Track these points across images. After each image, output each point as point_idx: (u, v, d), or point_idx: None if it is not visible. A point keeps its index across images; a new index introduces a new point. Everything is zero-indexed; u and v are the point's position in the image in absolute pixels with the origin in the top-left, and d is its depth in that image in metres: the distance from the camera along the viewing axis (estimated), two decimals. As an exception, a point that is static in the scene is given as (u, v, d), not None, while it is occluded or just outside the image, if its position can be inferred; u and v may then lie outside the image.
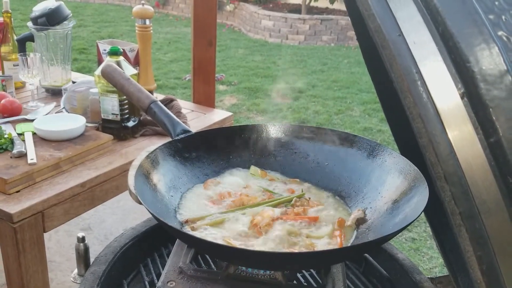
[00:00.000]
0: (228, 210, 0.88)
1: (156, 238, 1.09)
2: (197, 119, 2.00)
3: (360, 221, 0.88)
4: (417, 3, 0.55)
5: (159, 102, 1.04)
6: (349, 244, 0.83)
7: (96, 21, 7.94)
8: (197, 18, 2.06)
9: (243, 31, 7.97)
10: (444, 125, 0.49)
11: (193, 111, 2.10)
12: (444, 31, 0.51)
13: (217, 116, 2.07)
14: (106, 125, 1.69)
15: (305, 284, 0.92)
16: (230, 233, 0.82)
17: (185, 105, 2.13)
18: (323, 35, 7.74)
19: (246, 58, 6.33)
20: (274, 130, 1.06)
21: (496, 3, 0.51)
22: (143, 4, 1.91)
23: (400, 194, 0.85)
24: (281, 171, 1.03)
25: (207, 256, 0.97)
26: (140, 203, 0.95)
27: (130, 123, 1.71)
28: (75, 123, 1.59)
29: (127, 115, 1.69)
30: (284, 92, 5.16)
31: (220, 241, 0.79)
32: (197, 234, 0.81)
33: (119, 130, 1.68)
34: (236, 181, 0.98)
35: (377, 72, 1.08)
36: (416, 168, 0.83)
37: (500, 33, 0.50)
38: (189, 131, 1.01)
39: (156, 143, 1.74)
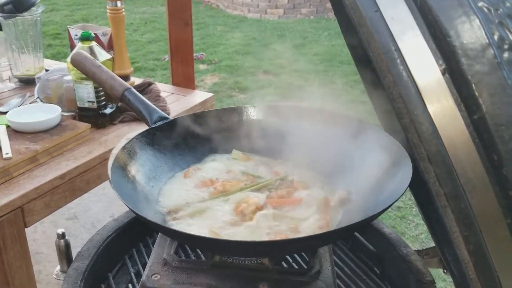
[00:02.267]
0: (211, 197, 0.86)
1: (141, 228, 1.07)
2: (177, 102, 1.96)
3: (344, 201, 0.87)
4: (393, -25, 0.52)
5: (134, 89, 1.00)
6: (335, 225, 0.82)
7: (69, 4, 7.72)
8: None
9: (221, 7, 7.84)
10: (425, 104, 0.47)
11: (172, 93, 2.06)
12: (423, 4, 0.49)
13: (198, 97, 2.03)
14: (82, 114, 1.64)
15: (292, 267, 0.91)
16: (214, 221, 0.80)
17: (164, 88, 2.08)
18: (302, 8, 7.65)
19: (225, 35, 6.23)
20: (255, 112, 1.04)
21: (475, -28, 0.48)
22: (113, -15, 1.84)
23: (384, 171, 0.84)
24: (264, 154, 1.00)
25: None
26: None
27: (108, 110, 1.67)
28: (50, 113, 1.54)
29: (104, 102, 1.65)
30: (266, 68, 5.11)
31: (204, 231, 0.77)
32: (179, 225, 0.78)
33: (96, 118, 1.64)
34: (218, 166, 0.95)
35: (357, 49, 1.06)
36: (398, 143, 0.82)
37: (480, 4, 0.47)
38: (166, 118, 0.98)
39: (136, 129, 1.70)
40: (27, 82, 2.00)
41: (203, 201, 0.85)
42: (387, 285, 1.01)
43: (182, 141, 0.99)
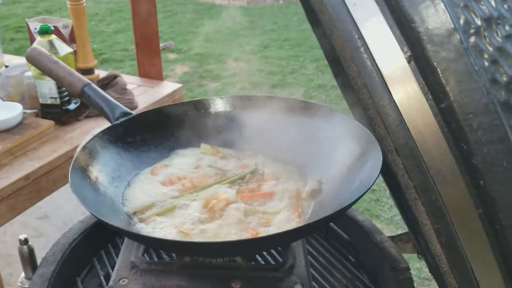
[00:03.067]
0: (179, 195, 0.83)
1: (107, 229, 1.03)
2: (145, 94, 1.91)
3: (316, 192, 0.85)
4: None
5: (93, 85, 0.96)
6: (307, 217, 0.80)
7: (31, -4, 7.46)
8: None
9: (189, -6, 7.70)
10: (391, 94, 0.45)
11: (140, 85, 2.01)
12: (385, -11, 0.46)
13: (166, 89, 1.99)
14: (45, 111, 1.58)
15: (266, 262, 0.90)
16: (183, 220, 0.77)
17: (131, 80, 2.03)
18: (271, -7, 7.58)
19: (194, 22, 6.13)
20: (221, 104, 1.01)
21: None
22: (72, -25, 1.76)
23: (355, 159, 0.82)
24: (232, 146, 0.98)
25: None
26: None
27: (72, 106, 1.61)
28: (11, 111, 1.48)
29: (67, 98, 1.59)
30: (236, 56, 5.05)
31: (172, 231, 0.74)
32: (146, 226, 0.75)
33: (60, 115, 1.58)
34: (186, 162, 0.92)
35: (323, 36, 1.03)
36: (368, 131, 0.80)
37: (444, -13, 0.45)
38: (129, 113, 0.94)
39: (103, 124, 1.64)
40: (-14, 80, 1.91)
41: (171, 199, 0.82)
42: (362, 273, 1.00)
43: (147, 137, 0.95)
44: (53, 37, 1.53)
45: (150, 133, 0.95)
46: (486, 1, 0.45)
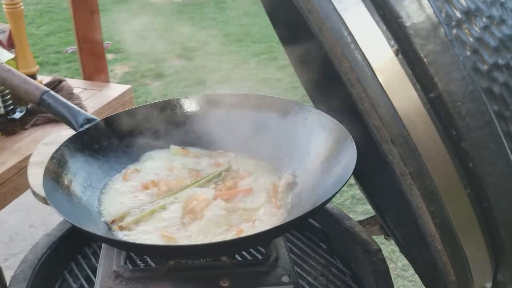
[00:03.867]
0: (157, 199, 0.81)
1: (76, 240, 1.00)
2: (93, 98, 1.84)
3: (291, 185, 0.87)
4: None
5: (52, 92, 0.92)
6: (287, 210, 0.81)
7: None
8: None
9: (121, -8, 7.49)
10: (383, 87, 0.47)
11: (86, 89, 1.94)
12: (369, -14, 0.48)
13: (114, 91, 1.93)
14: (-11, 121, 1.49)
15: (249, 258, 0.90)
16: (164, 224, 0.76)
17: (76, 84, 1.95)
18: (206, -12, 7.53)
19: (130, 21, 5.97)
20: (187, 103, 1.00)
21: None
22: (6, -24, 1.66)
23: (326, 151, 0.85)
24: (202, 146, 0.97)
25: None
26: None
27: (17, 114, 1.53)
28: (-49, 124, 1.38)
29: (12, 106, 1.51)
30: (177, 53, 4.98)
31: (155, 236, 0.73)
32: (128, 234, 0.74)
33: (5, 125, 1.50)
34: (157, 165, 0.91)
35: (286, 31, 1.04)
36: (338, 122, 0.82)
37: (424, -18, 0.48)
38: (93, 119, 0.91)
39: (51, 131, 1.59)
40: None
41: (149, 204, 0.80)
42: (335, 258, 1.03)
43: (114, 142, 0.92)
44: (-8, 43, 1.44)
45: (117, 138, 0.93)
46: (464, -5, 0.47)
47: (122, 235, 0.74)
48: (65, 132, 1.40)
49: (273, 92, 4.09)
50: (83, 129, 0.88)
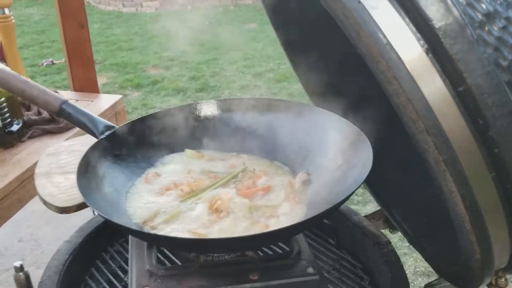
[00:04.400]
0: (182, 200, 0.85)
1: (94, 246, 1.02)
2: (86, 108, 1.84)
3: (306, 182, 0.91)
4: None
5: (71, 101, 0.94)
6: (305, 206, 0.86)
7: None
8: (62, 0, 1.87)
9: (92, 4, 7.43)
10: (417, 82, 0.53)
11: (78, 100, 1.94)
12: (399, -7, 0.54)
13: (106, 101, 1.95)
14: (-14, 135, 1.49)
15: (274, 252, 0.94)
16: (192, 223, 0.80)
17: (68, 95, 1.95)
18: (178, -2, 7.55)
19: (104, 32, 5.94)
20: (199, 109, 1.03)
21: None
22: (-4, -10, 1.67)
23: (340, 151, 0.89)
24: (216, 148, 1.01)
25: (166, 251, 0.93)
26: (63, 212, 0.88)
27: (14, 127, 1.53)
28: (-50, 139, 1.38)
29: (9, 119, 1.51)
30: (154, 63, 4.99)
31: (186, 235, 0.76)
32: (161, 232, 0.77)
33: (3, 137, 1.50)
34: (176, 168, 0.94)
35: (286, 30, 1.08)
36: (350, 123, 0.88)
37: (448, -11, 0.53)
38: (112, 126, 0.94)
39: (49, 143, 1.59)
40: None
41: (175, 205, 0.84)
42: (344, 253, 1.08)
43: (132, 147, 0.95)
44: (-12, 56, 1.45)
45: (135, 144, 0.96)
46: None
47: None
48: (66, 143, 1.42)
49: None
50: (104, 136, 0.91)
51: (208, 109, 1.04)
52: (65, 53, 2.01)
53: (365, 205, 2.55)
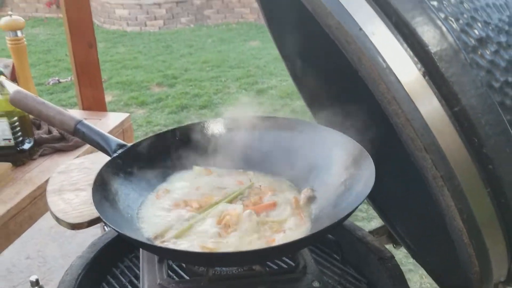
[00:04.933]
0: (191, 215, 0.88)
1: (105, 261, 1.05)
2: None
3: (311, 199, 0.94)
4: (365, -3, 0.61)
5: (85, 121, 0.98)
6: (311, 221, 0.89)
7: None
8: (72, 20, 1.93)
9: (97, 23, 7.54)
10: (415, 103, 0.56)
11: (86, 119, 1.97)
12: (398, 21, 0.58)
13: (113, 120, 1.99)
14: (-1, 153, 1.53)
15: (279, 266, 0.97)
16: (202, 238, 0.83)
17: (76, 114, 1.99)
18: (181, 17, 7.68)
19: (109, 51, 6.03)
20: (206, 127, 1.07)
21: (434, -10, 0.58)
22: (10, 14, 1.73)
23: (344, 167, 0.92)
24: (223, 165, 1.04)
25: (175, 266, 0.96)
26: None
27: (26, 146, 1.58)
28: (-36, 157, 1.42)
29: (21, 138, 1.55)
30: (158, 81, 5.06)
31: (196, 249, 0.80)
32: (172, 246, 0.80)
33: (15, 156, 1.54)
34: (185, 185, 0.97)
35: (287, 45, 1.12)
36: (352, 139, 0.91)
37: (443, 15, 0.57)
38: (124, 145, 0.97)
39: (59, 161, 1.63)
40: None
41: (185, 221, 0.87)
42: (349, 268, 1.10)
43: (143, 165, 0.99)
44: (2, 77, 1.49)
45: (146, 161, 0.99)
46: (475, 25, 0.57)
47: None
48: (76, 161, 1.46)
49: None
50: (117, 154, 0.94)
51: (215, 127, 1.08)
52: (74, 72, 2.06)
53: (369, 222, 2.57)
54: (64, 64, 5.31)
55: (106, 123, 1.94)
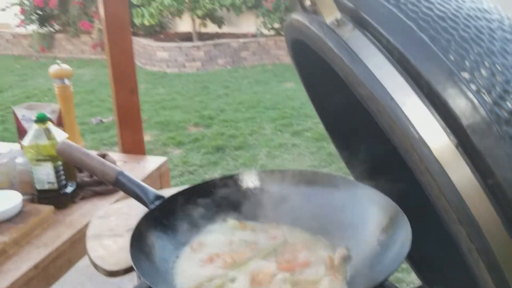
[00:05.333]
0: (225, 271, 0.89)
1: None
2: (133, 171, 1.95)
3: (346, 258, 0.94)
4: (397, 67, 0.62)
5: (125, 173, 1.02)
6: (348, 280, 0.88)
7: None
8: (115, 66, 2.03)
9: (139, 64, 7.84)
10: (448, 175, 0.57)
11: (125, 162, 2.05)
12: (429, 92, 0.59)
13: (151, 163, 2.05)
14: (42, 196, 1.60)
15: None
16: (235, 295, 0.83)
17: (117, 157, 2.07)
18: (218, 58, 7.90)
19: (149, 92, 6.24)
20: (242, 179, 1.09)
21: (466, 62, 0.60)
22: (59, 63, 1.84)
23: (380, 227, 0.92)
24: (257, 219, 1.05)
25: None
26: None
27: (69, 189, 1.64)
28: (11, 200, 1.48)
29: (65, 181, 1.62)
30: (195, 121, 5.18)
31: (230, 306, 0.80)
32: (206, 303, 0.81)
33: (58, 199, 1.60)
34: (219, 238, 0.99)
35: (322, 101, 1.14)
36: (389, 199, 0.91)
37: (475, 88, 0.58)
38: (161, 197, 1.01)
39: (99, 205, 1.68)
40: (-32, 168, 1.89)
41: (218, 276, 0.88)
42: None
43: (179, 217, 1.01)
44: (49, 124, 1.58)
45: (182, 213, 1.02)
46: (508, 98, 0.58)
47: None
48: (115, 206, 1.50)
49: (290, 157, 4.20)
50: (154, 206, 0.97)
51: (249, 179, 1.10)
52: (115, 116, 2.14)
53: (409, 273, 2.50)
54: (106, 104, 5.52)
55: (145, 166, 2.00)
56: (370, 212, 0.94)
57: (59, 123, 1.86)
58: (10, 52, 9.12)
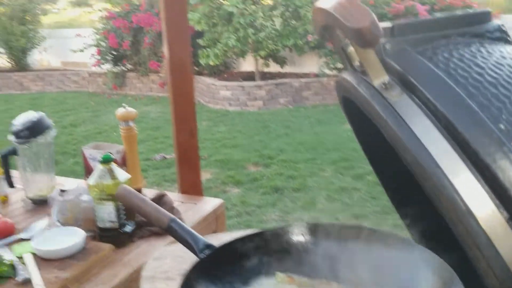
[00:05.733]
0: (271, 327, 0.89)
1: None
2: (190, 212, 2.00)
3: (396, 319, 0.90)
4: (444, 134, 0.62)
5: (178, 220, 1.06)
6: None
7: (56, 111, 7.89)
8: (177, 107, 2.13)
9: (202, 102, 8.12)
10: (498, 250, 0.54)
11: (183, 202, 2.11)
12: (477, 162, 0.58)
13: (208, 205, 2.09)
14: (103, 234, 1.67)
15: None
16: None
17: (174, 198, 2.13)
18: (280, 98, 8.01)
19: (210, 129, 6.42)
20: (293, 231, 1.09)
21: (518, 132, 0.58)
22: (125, 106, 1.95)
23: None
24: (306, 274, 1.04)
25: None
26: None
27: (128, 228, 1.70)
28: (75, 237, 1.57)
29: (125, 221, 1.69)
30: (254, 160, 5.23)
31: None
32: None
33: (118, 238, 1.67)
34: (266, 291, 0.99)
35: (375, 156, 1.13)
36: (444, 262, 0.87)
37: (526, 159, 0.56)
38: (212, 246, 1.02)
39: (155, 245, 1.74)
40: (39, 203, 2.02)
41: (264, 332, 0.88)
42: None
43: (228, 268, 1.02)
44: (112, 164, 1.67)
45: (230, 264, 1.03)
46: None
47: None
48: (170, 248, 1.54)
49: (350, 201, 4.12)
50: (204, 255, 0.99)
51: (301, 232, 1.10)
52: (176, 156, 2.23)
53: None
54: (170, 141, 5.71)
55: (201, 208, 2.04)
56: (423, 274, 0.90)
57: (123, 163, 1.96)
58: (85, 89, 9.79)
